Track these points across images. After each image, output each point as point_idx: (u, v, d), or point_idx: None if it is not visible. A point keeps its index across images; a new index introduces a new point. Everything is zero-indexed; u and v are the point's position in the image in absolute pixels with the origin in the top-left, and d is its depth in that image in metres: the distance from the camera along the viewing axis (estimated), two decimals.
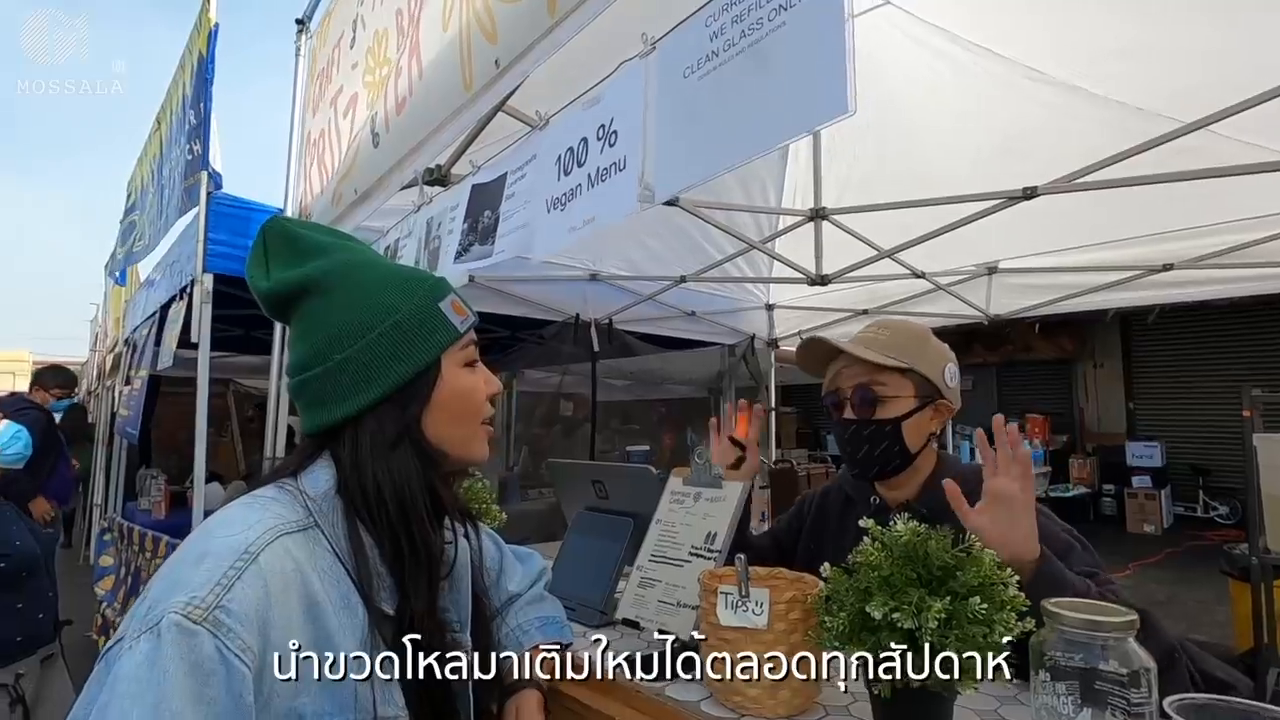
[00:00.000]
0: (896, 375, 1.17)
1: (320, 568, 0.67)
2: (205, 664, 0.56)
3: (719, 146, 0.96)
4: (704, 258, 3.64)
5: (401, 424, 0.74)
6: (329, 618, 0.66)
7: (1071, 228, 3.05)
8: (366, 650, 0.67)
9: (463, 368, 0.79)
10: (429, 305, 0.77)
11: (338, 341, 0.74)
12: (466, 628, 0.82)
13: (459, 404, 0.78)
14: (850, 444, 1.19)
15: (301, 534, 0.68)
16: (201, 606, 0.58)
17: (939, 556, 0.75)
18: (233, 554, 0.62)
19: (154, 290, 4.05)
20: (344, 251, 0.79)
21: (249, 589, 0.60)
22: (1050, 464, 9.44)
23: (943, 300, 3.89)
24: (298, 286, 0.77)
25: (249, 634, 0.59)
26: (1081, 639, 0.63)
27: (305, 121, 3.14)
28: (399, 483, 0.72)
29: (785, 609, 0.87)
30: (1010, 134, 2.55)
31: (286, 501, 0.70)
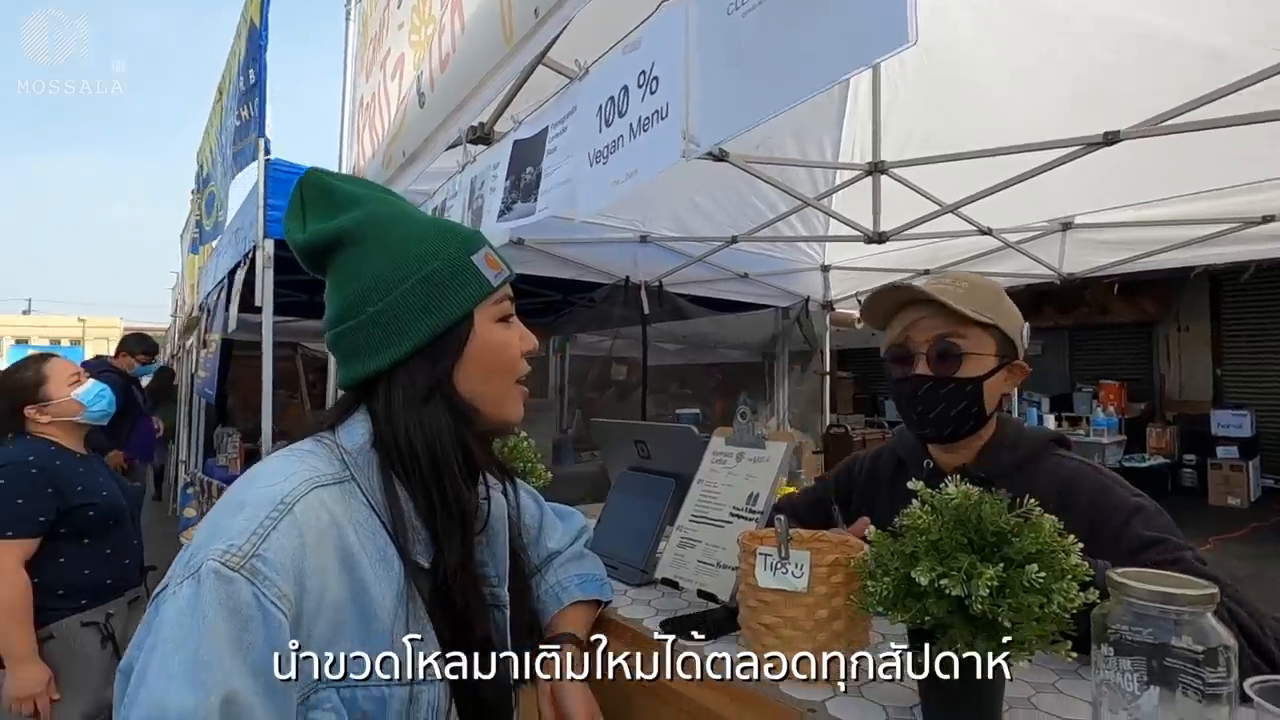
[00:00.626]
0: (979, 330, 1.08)
1: (356, 520, 0.67)
2: (243, 610, 0.57)
3: (767, 89, 0.90)
4: (756, 217, 3.54)
5: (433, 378, 0.74)
6: (365, 569, 0.66)
7: (1156, 177, 2.82)
8: (403, 602, 0.67)
9: (496, 322, 0.78)
10: (461, 258, 0.76)
11: (370, 294, 0.74)
12: (504, 583, 0.82)
13: (492, 359, 0.77)
14: (923, 402, 1.09)
15: (337, 486, 0.68)
16: (239, 554, 0.59)
17: (993, 521, 0.70)
18: (269, 504, 0.63)
19: (222, 257, 4.22)
20: (378, 203, 0.78)
21: (285, 538, 0.61)
22: (1125, 433, 8.98)
23: (1011, 259, 3.69)
24: (332, 238, 0.76)
25: (285, 582, 0.60)
26: (1151, 612, 0.58)
27: (358, 86, 3.17)
28: (430, 437, 0.72)
29: (827, 572, 0.84)
30: (1089, 76, 2.35)
31: (323, 455, 0.71)
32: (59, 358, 2.18)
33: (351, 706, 0.64)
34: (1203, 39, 2.04)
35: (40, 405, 2.00)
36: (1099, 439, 8.13)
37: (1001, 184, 2.69)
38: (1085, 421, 8.73)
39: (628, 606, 1.11)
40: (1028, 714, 0.77)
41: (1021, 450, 1.09)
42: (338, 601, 0.64)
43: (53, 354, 2.22)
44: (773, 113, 0.87)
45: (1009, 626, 0.65)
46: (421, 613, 0.69)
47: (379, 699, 0.65)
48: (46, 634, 1.88)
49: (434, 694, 0.68)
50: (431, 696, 0.68)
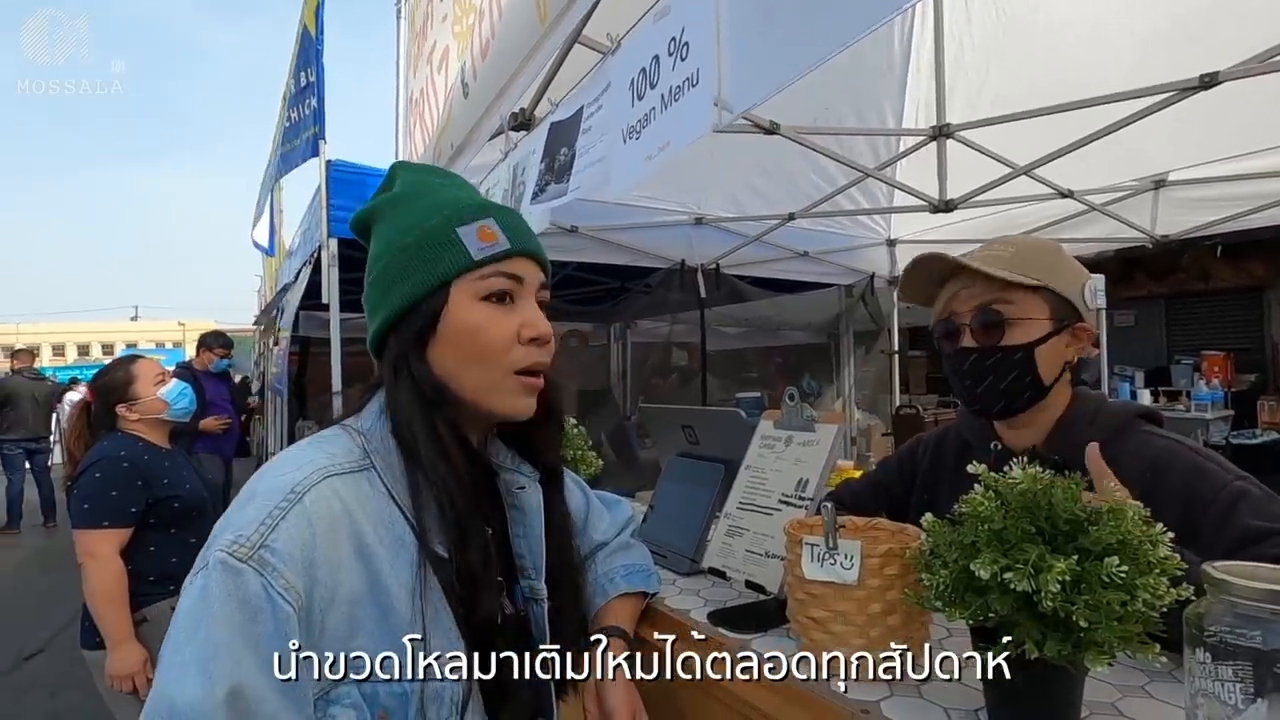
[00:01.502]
0: (1026, 294, 0.98)
1: (371, 510, 0.65)
2: (252, 601, 0.56)
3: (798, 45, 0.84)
4: (815, 192, 3.41)
5: (399, 353, 0.71)
6: (380, 560, 0.64)
7: (1262, 125, 2.54)
8: (419, 592, 0.65)
9: (479, 301, 0.71)
10: (444, 227, 0.72)
11: (372, 264, 0.75)
12: (541, 575, 0.79)
13: (466, 341, 0.71)
14: (970, 375, 1.01)
15: (352, 475, 0.66)
16: (247, 545, 0.58)
17: (1066, 508, 0.62)
18: (279, 494, 0.61)
19: (293, 258, 4.41)
20: (408, 183, 0.78)
21: (294, 529, 0.59)
22: (1233, 407, 8.27)
23: (1096, 223, 3.42)
24: (366, 216, 0.79)
25: (293, 574, 0.58)
26: (1261, 614, 0.50)
27: (408, 82, 3.22)
28: (404, 414, 0.69)
29: (880, 563, 0.77)
30: (1181, 11, 2.13)
31: (343, 442, 0.69)
32: (146, 359, 2.32)
33: (373, 702, 0.62)
34: None
35: (130, 403, 2.13)
36: (1202, 414, 7.51)
37: (1082, 140, 2.47)
38: (1185, 396, 8.09)
39: (676, 596, 1.07)
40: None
41: (1101, 427, 0.98)
42: (353, 594, 0.62)
43: (140, 355, 2.37)
44: (805, 70, 0.81)
45: (1085, 626, 0.58)
46: (440, 603, 0.66)
47: (400, 694, 0.63)
48: (140, 617, 2.00)
49: (457, 688, 0.66)
50: (455, 691, 0.66)
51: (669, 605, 1.04)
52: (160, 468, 2.11)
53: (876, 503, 1.23)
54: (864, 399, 5.82)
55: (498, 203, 0.80)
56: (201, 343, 5.03)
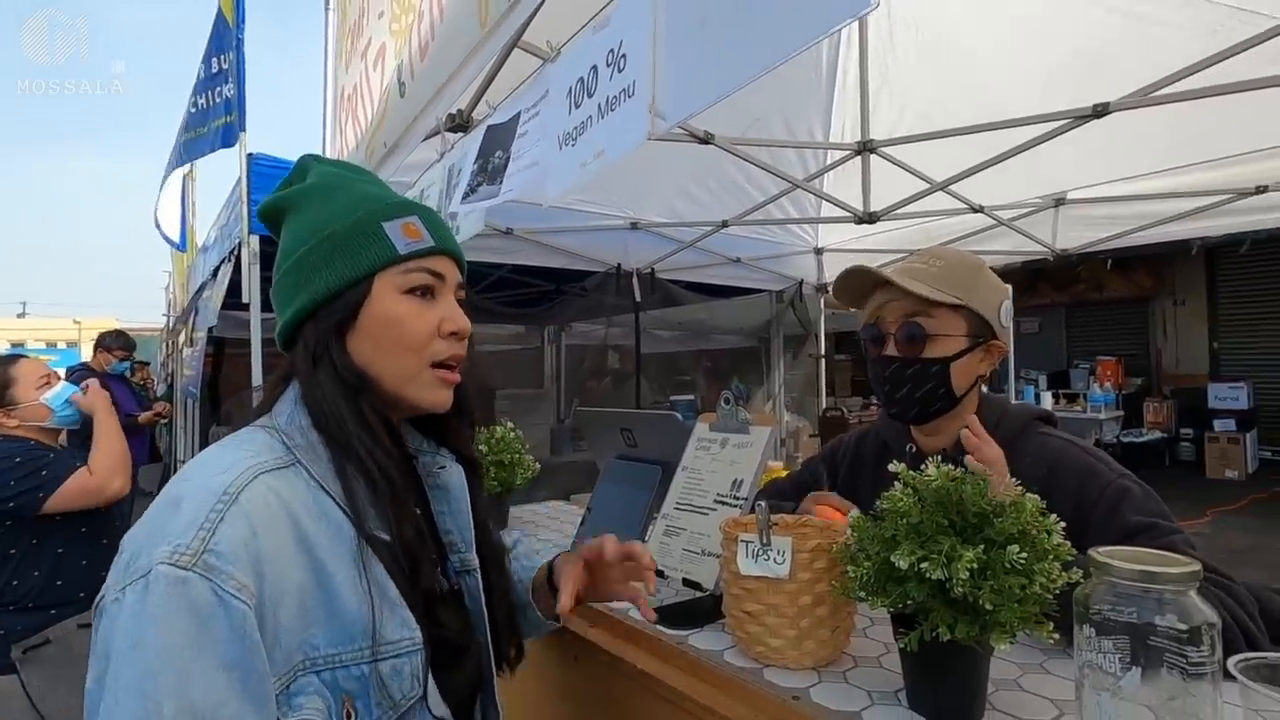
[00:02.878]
0: (947, 311, 1.06)
1: (305, 502, 0.65)
2: (203, 608, 0.55)
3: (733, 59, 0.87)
4: (747, 200, 3.51)
5: (319, 340, 0.71)
6: (320, 549, 0.64)
7: (1149, 150, 2.79)
8: (361, 575, 0.65)
9: (402, 294, 0.72)
10: (369, 221, 0.73)
11: (286, 254, 0.74)
12: (471, 548, 0.81)
13: (386, 332, 0.72)
14: (890, 382, 1.09)
15: (281, 471, 0.65)
16: (189, 552, 0.56)
17: (974, 502, 0.68)
18: (212, 496, 0.60)
19: (209, 255, 4.19)
20: (324, 176, 0.78)
21: (234, 529, 0.58)
22: (1123, 408, 8.98)
23: (1004, 237, 3.66)
24: (276, 205, 0.78)
25: (242, 573, 0.57)
26: (1134, 591, 0.56)
27: (339, 77, 3.12)
28: (326, 400, 0.69)
29: (809, 558, 0.82)
30: (1080, 48, 2.32)
31: (262, 441, 0.68)
32: (29, 360, 2.14)
33: (334, 688, 0.62)
34: (1191, 12, 2.00)
35: (8, 409, 1.97)
36: (1096, 415, 8.12)
37: (992, 160, 2.65)
38: (1083, 398, 8.72)
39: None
40: (1014, 695, 0.76)
41: (1005, 430, 1.07)
42: (300, 585, 0.62)
43: (22, 356, 2.19)
44: (740, 83, 0.84)
45: (990, 609, 0.64)
46: (385, 580, 0.67)
47: (360, 677, 0.64)
48: (42, 639, 1.86)
49: (414, 663, 0.67)
50: (413, 666, 0.67)
51: (608, 605, 1.06)
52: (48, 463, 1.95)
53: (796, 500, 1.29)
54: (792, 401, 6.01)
55: (422, 203, 0.80)
56: (100, 343, 4.71)
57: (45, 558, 1.92)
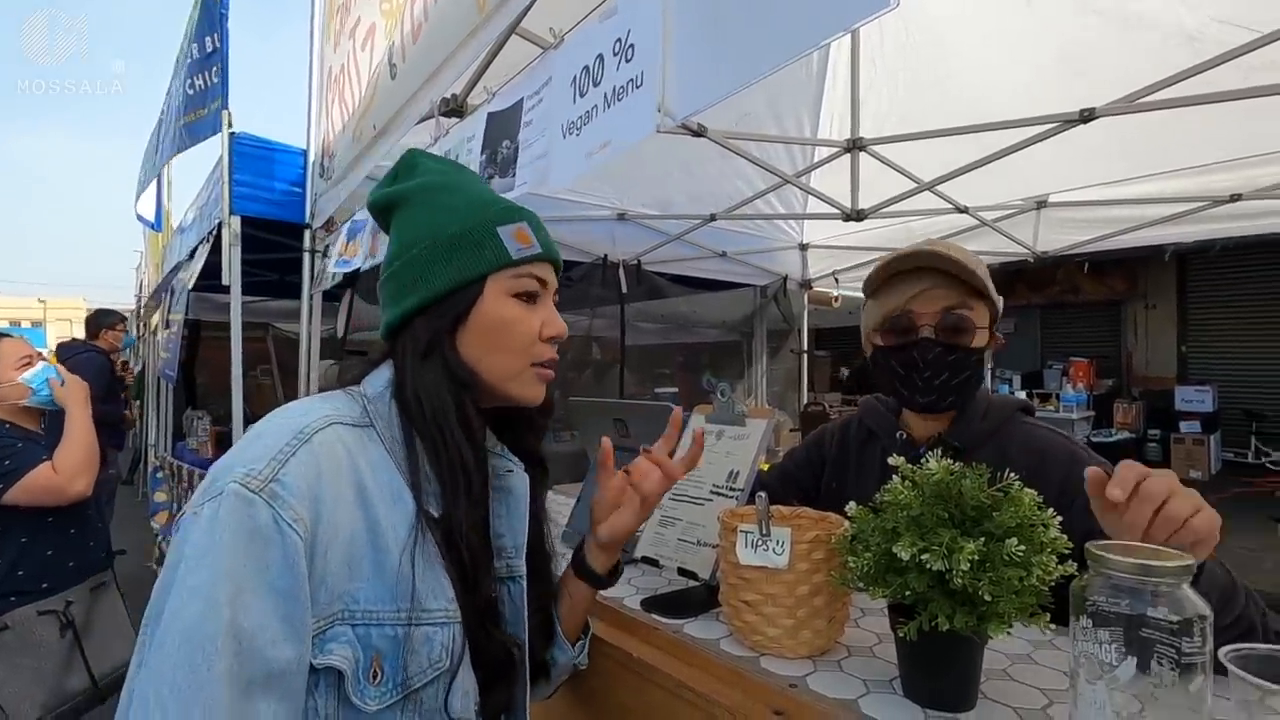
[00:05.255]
0: (980, 303, 1.07)
1: (371, 460, 0.69)
2: (264, 530, 0.59)
3: (744, 56, 0.87)
4: (735, 194, 3.52)
5: (432, 335, 0.75)
6: (378, 506, 0.67)
7: (1130, 156, 2.85)
8: (414, 543, 0.68)
9: (511, 297, 0.77)
10: (484, 225, 0.77)
11: (402, 250, 0.78)
12: (521, 554, 0.82)
13: (496, 332, 0.76)
14: (931, 368, 1.06)
15: (356, 428, 0.70)
16: (259, 478, 0.60)
17: (974, 495, 0.70)
18: (289, 434, 0.65)
19: (186, 235, 4.10)
20: (436, 175, 0.82)
21: (302, 465, 0.63)
22: (1094, 409, 9.19)
23: (987, 237, 3.71)
24: (388, 200, 0.82)
25: (302, 506, 0.61)
26: (1129, 584, 0.58)
27: (325, 57, 3.07)
28: (428, 392, 0.73)
29: (808, 549, 0.83)
30: (1067, 54, 2.35)
31: (345, 401, 0.73)
32: (11, 339, 2.10)
33: (365, 643, 0.65)
34: (1173, 17, 2.05)
35: None
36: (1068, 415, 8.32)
37: (978, 161, 2.69)
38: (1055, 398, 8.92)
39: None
40: (1004, 684, 0.78)
41: (992, 419, 1.10)
42: (352, 535, 0.65)
43: (5, 335, 2.14)
44: (750, 81, 0.84)
45: (989, 600, 0.65)
46: (434, 556, 0.70)
47: (392, 638, 0.66)
48: (0, 624, 1.82)
49: (447, 636, 0.70)
50: (445, 639, 0.69)
51: (602, 595, 1.06)
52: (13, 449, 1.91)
53: (785, 491, 1.29)
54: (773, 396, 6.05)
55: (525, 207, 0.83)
56: (99, 323, 4.57)
57: (7, 547, 1.87)
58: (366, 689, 0.64)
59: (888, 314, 1.10)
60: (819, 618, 0.84)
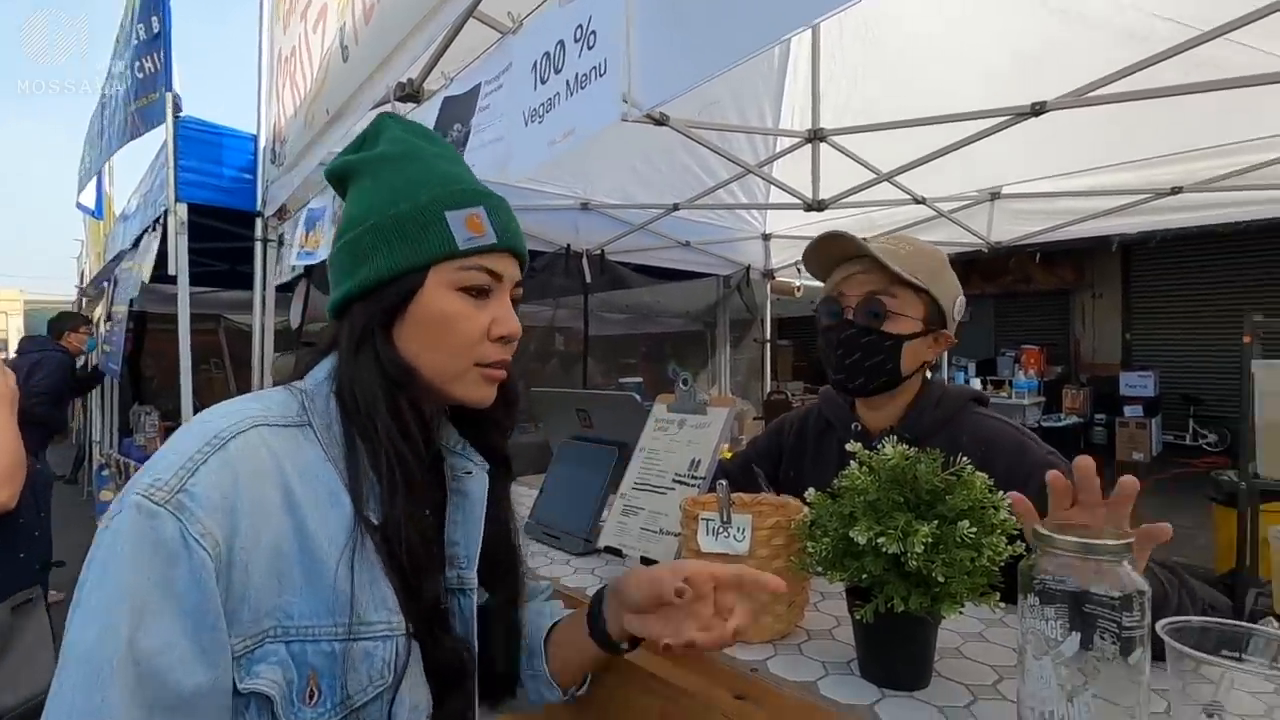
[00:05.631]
0: (910, 293, 1.10)
1: (302, 462, 0.63)
2: (168, 545, 0.54)
3: (709, 45, 0.87)
4: (698, 184, 3.53)
5: (365, 326, 0.68)
6: (308, 512, 0.62)
7: (1080, 149, 2.94)
8: (351, 550, 0.62)
9: (455, 291, 0.69)
10: (432, 207, 0.69)
11: (349, 225, 0.71)
12: (473, 565, 0.74)
13: (434, 328, 0.69)
14: (842, 347, 1.10)
15: (286, 429, 0.64)
16: (164, 489, 0.56)
17: (928, 480, 0.72)
18: (202, 440, 0.59)
19: (130, 223, 3.93)
20: (398, 145, 0.74)
21: (215, 474, 0.58)
22: (1044, 394, 9.52)
23: (943, 227, 3.80)
24: (342, 169, 0.75)
25: (212, 520, 0.56)
26: (1074, 562, 0.60)
27: (276, 39, 2.97)
28: (361, 387, 0.67)
29: (768, 535, 0.84)
30: (1021, 48, 2.41)
31: (280, 399, 0.67)
32: None
33: (300, 661, 0.60)
34: (1120, 16, 2.11)
35: None
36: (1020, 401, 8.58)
37: (934, 153, 2.75)
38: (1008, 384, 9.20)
39: (571, 576, 1.10)
40: (957, 662, 0.80)
41: (944, 409, 1.13)
42: (278, 548, 0.59)
43: None
44: (715, 71, 0.85)
45: (942, 581, 0.67)
46: (375, 564, 0.64)
47: (329, 654, 0.61)
48: None
49: (389, 651, 0.64)
50: (387, 653, 0.64)
51: (565, 585, 1.06)
52: None
53: (748, 479, 1.32)
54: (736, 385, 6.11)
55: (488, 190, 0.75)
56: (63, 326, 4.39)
57: None
58: (302, 710, 0.60)
59: (824, 296, 1.16)
60: (779, 603, 0.85)
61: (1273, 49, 2.00)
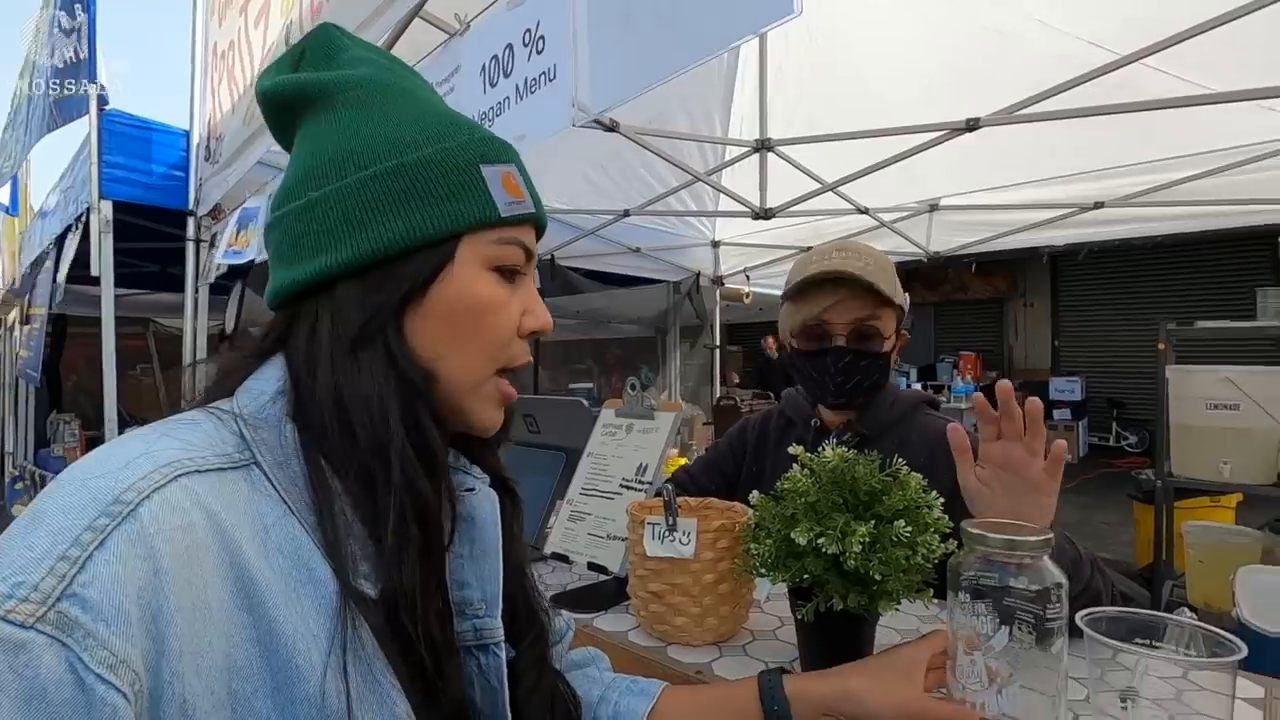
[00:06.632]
0: (888, 310, 1.14)
1: (256, 524, 0.43)
2: (50, 692, 0.34)
3: (658, 52, 0.88)
4: (649, 191, 3.55)
5: (369, 314, 0.49)
6: (274, 602, 0.42)
7: (1011, 164, 3.08)
8: (339, 646, 0.43)
9: (490, 271, 0.52)
10: (464, 159, 0.51)
11: (321, 172, 0.50)
12: (495, 610, 0.55)
13: (464, 319, 0.51)
14: (843, 374, 1.13)
15: (224, 473, 0.44)
16: (36, 599, 0.34)
17: (866, 481, 0.74)
18: (92, 507, 0.38)
19: (49, 220, 3.72)
20: (385, 72, 0.55)
21: (121, 564, 0.37)
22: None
23: (885, 238, 3.92)
24: (297, 91, 0.53)
25: (123, 639, 0.36)
26: (999, 558, 0.63)
27: (210, 32, 2.86)
28: (362, 403, 0.47)
29: (714, 537, 0.85)
30: (958, 65, 2.51)
31: (208, 427, 0.46)
32: None
33: None
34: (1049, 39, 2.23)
35: None
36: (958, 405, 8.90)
37: (876, 165, 2.84)
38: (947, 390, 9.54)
39: None
40: None
41: (897, 410, 1.17)
42: (229, 659, 0.40)
43: None
44: (662, 78, 0.86)
45: (879, 579, 0.69)
46: (372, 657, 0.45)
47: None
48: None
49: None
50: None
51: None
52: None
53: (710, 481, 1.33)
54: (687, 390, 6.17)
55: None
56: None
57: None
58: None
59: (804, 321, 1.15)
60: (724, 604, 0.86)
61: (1183, 74, 2.15)
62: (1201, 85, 2.15)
